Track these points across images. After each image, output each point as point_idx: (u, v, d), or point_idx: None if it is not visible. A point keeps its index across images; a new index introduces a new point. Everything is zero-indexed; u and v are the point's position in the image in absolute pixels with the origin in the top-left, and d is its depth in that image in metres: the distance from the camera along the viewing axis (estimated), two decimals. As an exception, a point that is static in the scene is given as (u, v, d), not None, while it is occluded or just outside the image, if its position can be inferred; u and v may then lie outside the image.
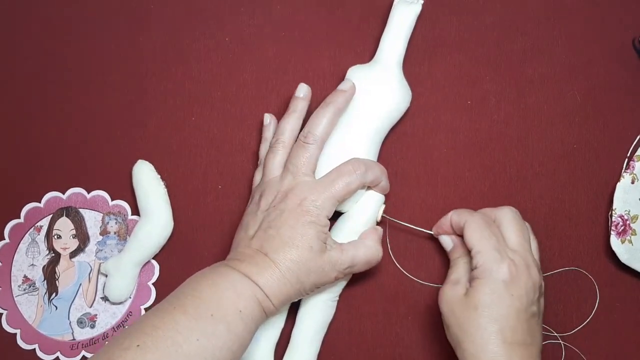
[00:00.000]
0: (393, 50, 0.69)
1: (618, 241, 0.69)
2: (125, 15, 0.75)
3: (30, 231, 0.72)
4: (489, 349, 0.58)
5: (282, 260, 0.61)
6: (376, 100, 0.67)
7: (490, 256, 0.60)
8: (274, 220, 0.62)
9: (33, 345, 0.71)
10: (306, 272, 0.61)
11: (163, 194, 0.71)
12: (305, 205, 0.62)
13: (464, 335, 0.59)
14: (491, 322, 0.58)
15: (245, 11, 0.74)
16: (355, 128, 0.67)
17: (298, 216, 0.62)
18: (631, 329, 0.70)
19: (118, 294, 0.70)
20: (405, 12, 0.69)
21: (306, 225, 0.62)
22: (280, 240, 0.61)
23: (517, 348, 0.58)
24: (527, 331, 0.59)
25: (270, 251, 0.61)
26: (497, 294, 0.59)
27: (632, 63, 0.73)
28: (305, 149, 0.65)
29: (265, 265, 0.60)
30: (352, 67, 0.69)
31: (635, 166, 0.70)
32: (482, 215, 0.65)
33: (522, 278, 0.60)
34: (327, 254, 0.62)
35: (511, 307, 0.59)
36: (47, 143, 0.73)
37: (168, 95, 0.73)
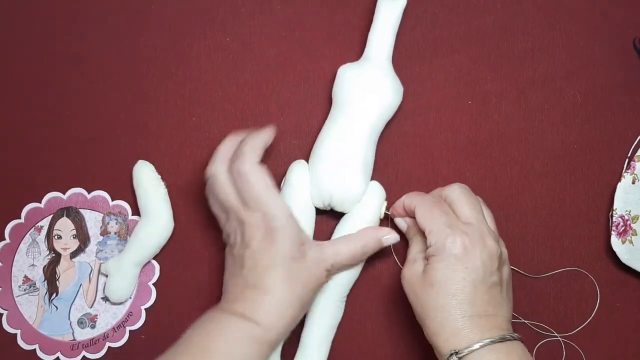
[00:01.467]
0: (382, 46, 0.69)
1: (619, 241, 0.69)
2: (125, 15, 0.75)
3: (31, 231, 0.72)
4: (449, 324, 0.58)
5: (272, 284, 0.60)
6: (370, 98, 0.67)
7: (442, 232, 0.60)
8: (247, 249, 0.61)
9: (33, 346, 0.71)
10: (299, 284, 0.61)
11: (163, 194, 0.71)
12: (268, 220, 0.61)
13: (425, 312, 0.60)
14: (448, 298, 0.58)
15: (245, 11, 0.74)
16: (352, 128, 0.67)
17: (266, 236, 0.61)
18: (632, 328, 0.70)
19: (118, 294, 0.70)
20: (391, 7, 0.69)
21: (278, 240, 0.61)
22: (261, 266, 0.61)
23: (478, 320, 0.58)
24: (488, 302, 0.59)
25: (257, 281, 0.60)
26: (450, 268, 0.59)
27: (632, 63, 0.73)
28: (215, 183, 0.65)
29: (257, 297, 0.60)
30: (342, 66, 0.69)
31: (636, 166, 0.70)
32: (430, 197, 0.66)
33: (476, 249, 0.59)
34: (308, 256, 0.62)
35: (466, 280, 0.58)
36: (48, 143, 0.73)
37: (168, 95, 0.73)
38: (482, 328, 0.57)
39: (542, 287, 0.70)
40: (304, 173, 0.68)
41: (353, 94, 0.67)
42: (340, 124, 0.67)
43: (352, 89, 0.67)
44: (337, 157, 0.66)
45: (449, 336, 0.58)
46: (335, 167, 0.66)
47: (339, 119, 0.67)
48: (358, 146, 0.67)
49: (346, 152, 0.66)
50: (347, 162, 0.66)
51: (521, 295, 0.70)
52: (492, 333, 0.57)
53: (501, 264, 0.61)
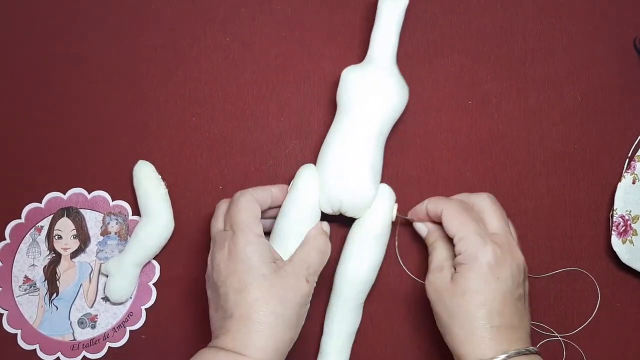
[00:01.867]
0: (385, 47, 0.67)
1: (619, 241, 0.69)
2: (125, 15, 0.75)
3: (31, 231, 0.72)
4: (477, 334, 0.58)
5: (248, 309, 0.58)
6: (376, 101, 0.66)
7: (474, 241, 0.60)
8: (217, 280, 0.60)
9: (34, 346, 0.71)
10: (278, 302, 0.59)
11: (164, 194, 0.71)
12: (229, 247, 0.61)
13: (452, 321, 0.59)
14: (479, 307, 0.58)
15: (246, 11, 0.74)
16: (358, 131, 0.65)
17: (230, 259, 0.60)
18: (632, 328, 0.70)
19: (119, 294, 0.70)
20: (393, 8, 0.67)
21: (244, 258, 0.60)
22: (232, 290, 0.59)
23: (505, 331, 0.58)
24: (515, 314, 0.59)
25: (233, 308, 0.58)
26: (483, 278, 0.59)
27: (632, 63, 0.73)
28: (217, 209, 0.67)
29: (243, 328, 0.58)
30: (346, 69, 0.68)
31: (636, 166, 0.70)
32: (459, 201, 0.65)
33: (506, 261, 0.60)
34: (282, 271, 0.61)
35: (497, 291, 0.59)
36: (48, 143, 0.73)
37: (169, 95, 0.73)
38: (508, 339, 0.58)
39: (543, 287, 0.70)
40: (312, 177, 0.66)
41: (357, 96, 0.66)
42: (346, 127, 0.66)
43: (356, 91, 0.66)
44: (344, 161, 0.65)
45: (476, 345, 0.58)
46: (343, 172, 0.65)
47: (344, 122, 0.66)
48: (365, 149, 0.65)
49: (353, 156, 0.65)
50: (355, 167, 0.65)
51: (521, 295, 0.70)
52: (518, 345, 0.58)
53: (525, 276, 0.62)
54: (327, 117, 0.72)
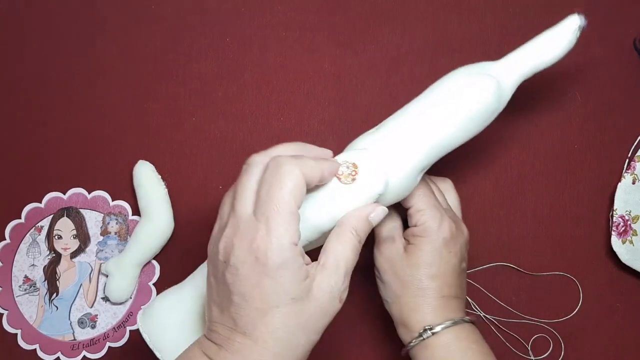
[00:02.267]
0: (520, 65, 0.59)
1: (619, 241, 0.69)
2: (125, 16, 0.75)
3: (31, 231, 0.72)
4: (427, 303, 0.60)
5: (267, 336, 0.48)
6: (466, 93, 0.58)
7: (432, 215, 0.60)
8: (232, 284, 0.49)
9: (34, 346, 0.71)
10: (304, 331, 0.49)
11: (164, 194, 0.71)
12: (257, 251, 0.48)
13: (403, 290, 0.60)
14: (431, 279, 0.60)
15: (245, 11, 0.74)
16: (432, 120, 0.57)
17: (255, 268, 0.48)
18: (632, 329, 0.70)
19: (119, 294, 0.70)
20: (561, 45, 0.60)
21: (275, 275, 0.48)
22: (251, 308, 0.48)
23: (451, 301, 0.60)
24: (459, 286, 0.61)
25: (247, 327, 0.48)
26: (437, 252, 0.60)
27: (633, 63, 0.73)
28: (246, 173, 0.51)
29: (248, 349, 0.48)
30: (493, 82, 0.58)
31: (636, 167, 0.70)
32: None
33: (459, 236, 0.61)
34: (314, 292, 0.49)
35: (449, 264, 0.60)
36: (48, 143, 0.73)
37: (169, 95, 0.73)
38: (453, 308, 0.60)
39: (543, 287, 0.70)
40: (375, 160, 0.56)
41: (447, 86, 0.59)
42: (422, 110, 0.58)
43: (449, 80, 0.59)
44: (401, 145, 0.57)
45: (425, 314, 0.59)
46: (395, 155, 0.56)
47: (423, 105, 0.58)
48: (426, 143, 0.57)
49: (413, 143, 0.57)
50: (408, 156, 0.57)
51: (521, 294, 0.70)
52: (459, 314, 0.60)
53: (466, 250, 0.63)
54: (327, 117, 0.73)
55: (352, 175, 0.54)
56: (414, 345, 0.59)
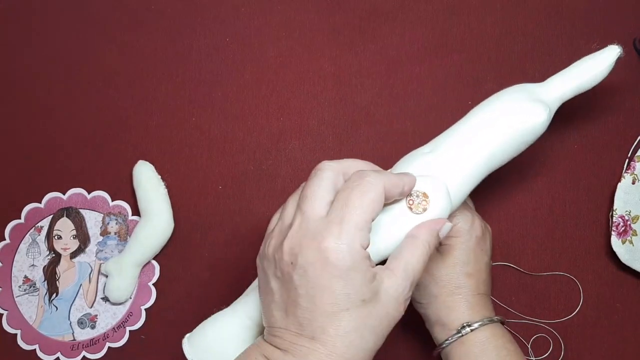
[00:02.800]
0: (563, 88, 0.62)
1: (619, 241, 0.69)
2: (125, 16, 0.75)
3: (31, 231, 0.72)
4: (464, 301, 0.61)
5: (335, 338, 0.47)
6: (509, 117, 0.59)
7: (464, 215, 0.62)
8: (300, 286, 0.48)
9: (34, 346, 0.71)
10: (372, 332, 0.48)
11: (163, 194, 0.71)
12: (328, 251, 0.47)
13: (440, 290, 0.61)
14: (468, 277, 0.61)
15: (245, 12, 0.74)
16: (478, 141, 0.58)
17: (326, 269, 0.47)
18: (632, 328, 0.70)
19: (118, 294, 0.70)
20: (600, 70, 0.62)
21: (346, 277, 0.47)
22: (320, 311, 0.47)
23: (485, 298, 0.62)
24: (489, 283, 0.63)
25: (316, 332, 0.47)
26: (472, 250, 0.62)
27: (633, 63, 0.73)
28: (317, 177, 0.50)
29: (316, 354, 0.47)
30: (543, 113, 0.59)
31: (636, 167, 0.70)
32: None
33: (487, 233, 0.63)
34: (381, 294, 0.49)
35: (482, 262, 0.62)
36: (48, 144, 0.73)
37: (168, 95, 0.73)
38: (489, 306, 0.62)
39: (542, 287, 0.70)
40: (444, 190, 0.56)
41: (499, 108, 0.60)
42: (474, 133, 0.59)
43: (500, 103, 0.60)
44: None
45: (462, 311, 0.60)
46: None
47: (476, 127, 0.59)
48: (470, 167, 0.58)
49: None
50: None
51: (520, 294, 0.70)
52: (490, 310, 0.62)
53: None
54: (327, 117, 0.73)
55: (424, 205, 0.55)
56: (451, 342, 0.60)
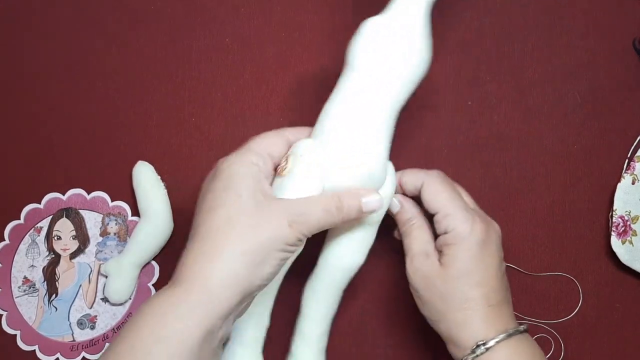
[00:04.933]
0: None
1: (619, 242, 0.69)
2: (125, 16, 0.75)
3: (30, 232, 0.72)
4: (476, 315, 0.55)
5: (219, 236, 0.49)
6: (397, 63, 0.55)
7: (462, 218, 0.56)
8: (198, 202, 0.54)
9: (33, 347, 0.71)
10: (251, 234, 0.50)
11: (163, 195, 0.71)
12: (218, 167, 0.54)
13: (447, 306, 0.56)
14: (475, 288, 0.55)
15: (245, 12, 0.74)
16: (374, 99, 0.55)
17: (214, 179, 0.53)
18: (632, 329, 0.70)
19: (118, 295, 0.70)
20: None
21: (225, 180, 0.52)
22: (208, 214, 0.51)
23: (499, 308, 0.56)
24: (506, 288, 0.57)
25: (203, 233, 0.50)
26: (475, 257, 0.56)
27: (632, 63, 0.73)
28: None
29: (195, 248, 0.50)
30: (367, 21, 0.56)
31: (636, 167, 0.70)
32: (440, 173, 0.60)
33: (491, 235, 0.57)
34: (266, 203, 0.51)
35: (491, 268, 0.56)
36: (47, 144, 0.73)
37: (168, 96, 0.73)
38: (506, 316, 0.56)
39: (542, 287, 0.70)
40: (312, 152, 0.56)
41: (377, 56, 0.55)
42: (359, 94, 0.56)
43: (376, 50, 0.55)
44: (354, 137, 0.55)
45: (475, 327, 0.55)
46: (353, 152, 0.56)
47: (355, 86, 0.56)
48: (381, 124, 0.56)
49: (366, 130, 0.55)
50: (368, 145, 0.56)
51: (520, 295, 0.70)
52: (509, 322, 0.56)
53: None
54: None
55: (285, 168, 0.55)
56: None
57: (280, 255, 0.51)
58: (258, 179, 0.53)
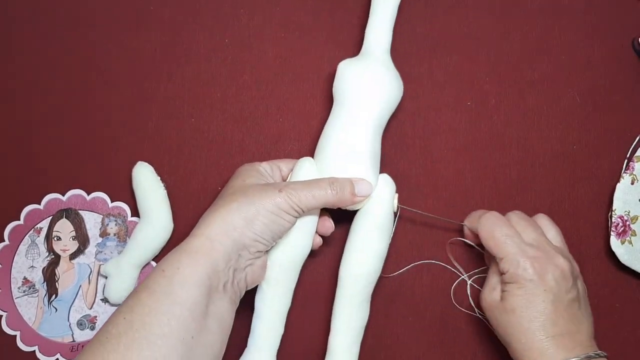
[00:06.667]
0: (380, 40, 0.67)
1: (618, 242, 0.69)
2: (125, 17, 0.75)
3: (30, 233, 0.72)
4: (535, 346, 0.60)
5: (220, 199, 0.62)
6: (374, 92, 0.66)
7: (512, 260, 0.61)
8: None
9: (33, 347, 0.71)
10: (246, 196, 0.60)
11: (163, 195, 0.71)
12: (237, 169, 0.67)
13: (509, 336, 0.62)
14: (531, 321, 0.60)
15: (244, 12, 0.74)
16: (356, 122, 0.65)
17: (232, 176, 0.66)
18: (632, 329, 0.70)
19: (118, 295, 0.70)
20: (387, 1, 0.68)
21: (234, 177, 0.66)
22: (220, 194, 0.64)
23: (562, 339, 0.60)
24: (569, 320, 0.61)
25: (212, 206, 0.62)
26: (529, 293, 0.60)
27: (632, 63, 0.73)
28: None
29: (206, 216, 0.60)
30: (342, 62, 0.68)
31: (635, 167, 0.70)
32: (492, 217, 0.65)
33: (548, 271, 0.61)
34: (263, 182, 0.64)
35: (545, 302, 0.60)
36: (47, 144, 0.73)
37: (168, 96, 0.73)
38: (566, 347, 0.59)
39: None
40: (312, 170, 0.66)
41: (355, 88, 0.66)
42: (344, 118, 0.66)
43: (353, 83, 0.66)
44: (344, 151, 0.65)
45: (535, 357, 0.60)
46: (344, 162, 0.65)
47: (342, 114, 0.66)
48: (365, 139, 0.65)
49: (353, 146, 0.65)
50: (355, 156, 0.65)
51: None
52: (577, 351, 0.59)
53: (574, 279, 0.62)
54: (326, 118, 0.72)
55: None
56: None
57: (272, 217, 0.60)
58: (262, 174, 0.65)
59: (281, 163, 0.68)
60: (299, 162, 0.67)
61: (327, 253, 0.71)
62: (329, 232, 0.67)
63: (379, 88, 0.66)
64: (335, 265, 0.67)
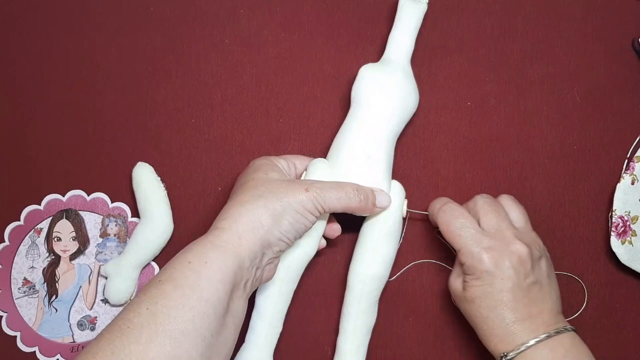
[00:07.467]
0: (404, 48, 0.68)
1: (618, 242, 0.69)
2: (124, 17, 0.75)
3: (30, 233, 0.72)
4: (495, 333, 0.61)
5: (242, 192, 0.60)
6: (394, 100, 0.66)
7: (469, 252, 0.62)
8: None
9: (33, 348, 0.71)
10: (271, 191, 0.59)
11: (163, 196, 0.71)
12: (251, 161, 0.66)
13: (473, 323, 0.63)
14: (490, 310, 0.61)
15: (244, 13, 0.74)
16: (376, 130, 0.66)
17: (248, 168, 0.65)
18: (631, 329, 0.70)
19: (118, 296, 0.70)
20: (413, 11, 0.68)
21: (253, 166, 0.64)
22: (238, 184, 0.63)
23: (523, 323, 0.60)
24: (530, 303, 0.61)
25: (233, 199, 0.60)
26: (486, 284, 0.61)
27: (632, 64, 0.73)
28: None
29: (230, 207, 0.59)
30: (365, 66, 0.68)
31: (635, 167, 0.70)
32: (449, 208, 0.65)
33: (505, 259, 0.61)
34: (286, 178, 0.63)
35: (503, 291, 0.60)
36: (47, 145, 0.73)
37: (168, 97, 0.73)
38: (529, 329, 0.60)
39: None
40: (325, 172, 0.66)
41: (376, 94, 0.66)
42: (362, 124, 0.66)
43: (374, 89, 0.66)
44: (361, 159, 0.65)
45: (497, 342, 0.61)
46: (360, 170, 0.65)
47: (360, 119, 0.66)
48: (381, 147, 0.66)
49: (370, 153, 0.65)
50: (372, 165, 0.65)
51: (521, 296, 0.70)
52: (538, 332, 0.60)
53: (534, 262, 0.62)
54: (326, 119, 0.73)
55: None
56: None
57: (297, 217, 0.59)
58: (281, 170, 0.64)
59: (296, 160, 0.67)
60: (313, 163, 0.67)
61: (328, 253, 0.71)
62: (336, 235, 0.68)
63: (400, 97, 0.67)
64: (336, 265, 0.67)
